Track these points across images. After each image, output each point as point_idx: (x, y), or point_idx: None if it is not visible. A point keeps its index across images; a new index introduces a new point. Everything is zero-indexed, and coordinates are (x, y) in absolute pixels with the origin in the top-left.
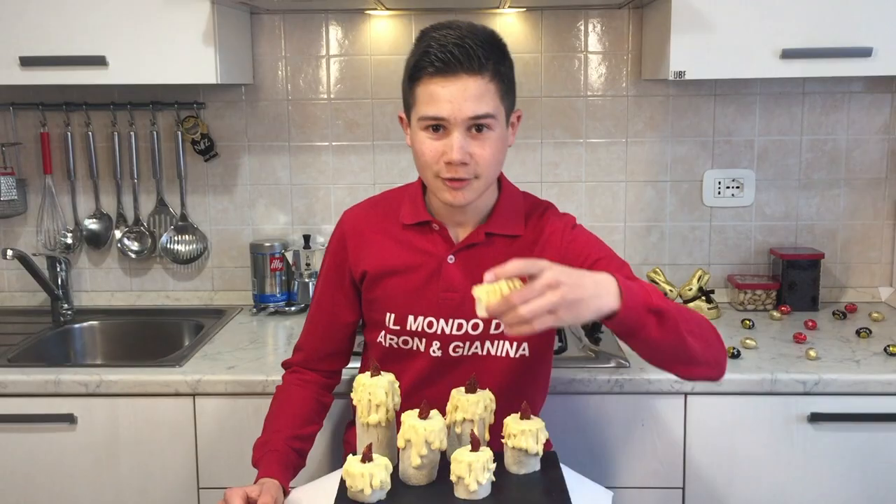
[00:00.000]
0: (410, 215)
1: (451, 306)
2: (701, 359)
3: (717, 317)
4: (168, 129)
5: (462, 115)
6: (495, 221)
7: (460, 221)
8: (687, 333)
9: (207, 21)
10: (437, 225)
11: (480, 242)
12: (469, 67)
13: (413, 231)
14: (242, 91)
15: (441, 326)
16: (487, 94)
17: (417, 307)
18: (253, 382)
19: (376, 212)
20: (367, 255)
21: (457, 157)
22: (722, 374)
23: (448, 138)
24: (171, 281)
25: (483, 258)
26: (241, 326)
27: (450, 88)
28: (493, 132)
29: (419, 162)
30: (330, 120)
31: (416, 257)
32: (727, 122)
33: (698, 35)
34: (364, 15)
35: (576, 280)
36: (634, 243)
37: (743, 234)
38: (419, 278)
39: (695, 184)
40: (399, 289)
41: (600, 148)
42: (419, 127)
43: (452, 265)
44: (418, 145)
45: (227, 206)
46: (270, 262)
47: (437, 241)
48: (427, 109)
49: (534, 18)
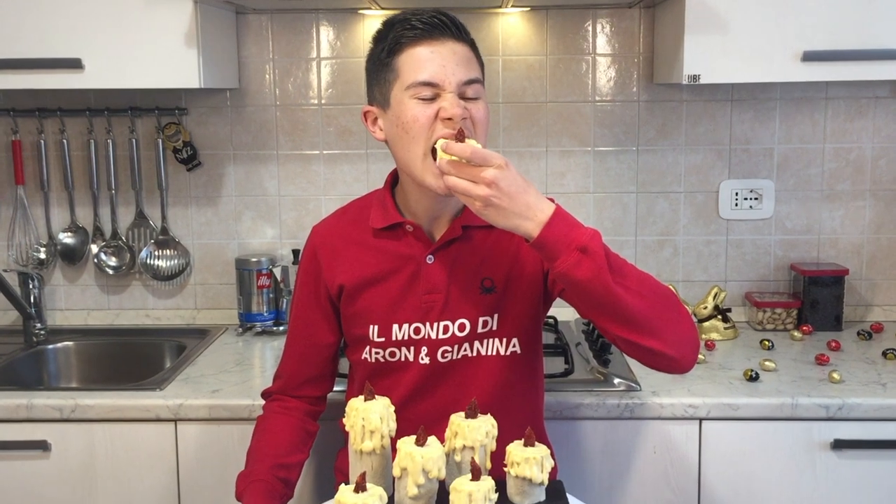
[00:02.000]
0: (381, 219)
1: (436, 309)
2: (644, 323)
3: (734, 337)
4: (148, 136)
5: (455, 79)
6: (470, 213)
7: (436, 217)
8: (622, 288)
9: (190, 21)
10: (410, 226)
11: (458, 238)
12: (455, 33)
13: (386, 236)
14: (227, 96)
15: (427, 332)
16: (473, 61)
17: (401, 314)
18: (238, 407)
19: (345, 222)
20: (342, 269)
21: (458, 110)
22: (684, 359)
23: (440, 101)
24: (151, 299)
25: (463, 254)
26: (225, 347)
27: (439, 51)
28: (481, 100)
29: (410, 134)
30: (321, 127)
31: (392, 262)
32: (745, 130)
33: (714, 36)
34: (357, 15)
35: (513, 191)
36: (646, 258)
37: (762, 248)
38: (399, 284)
39: (710, 195)
40: (380, 298)
41: (609, 157)
42: (408, 96)
43: (432, 265)
44: (410, 112)
45: (211, 218)
46: (257, 279)
47: (412, 243)
48: (417, 75)
49: (538, 18)
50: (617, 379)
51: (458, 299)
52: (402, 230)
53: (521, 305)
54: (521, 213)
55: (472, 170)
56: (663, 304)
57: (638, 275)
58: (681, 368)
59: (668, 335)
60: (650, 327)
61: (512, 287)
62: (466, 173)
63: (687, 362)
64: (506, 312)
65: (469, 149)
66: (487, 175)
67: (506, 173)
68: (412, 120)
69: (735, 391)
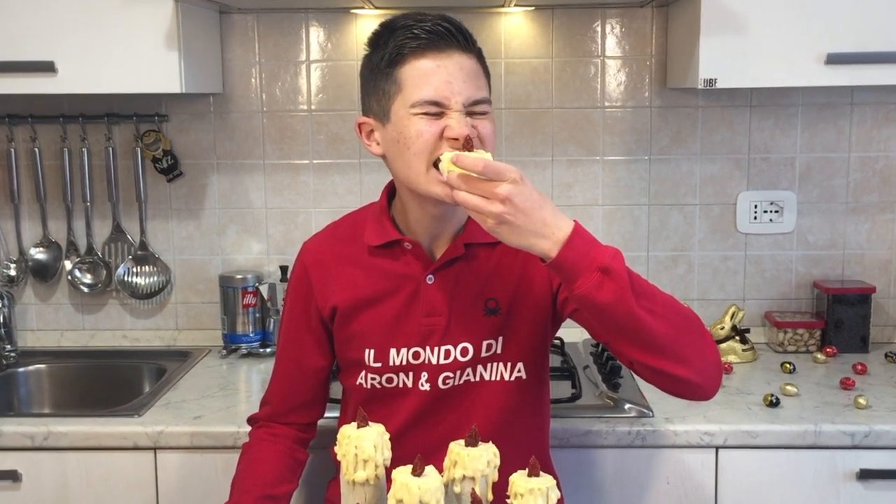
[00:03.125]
0: (377, 235)
1: (437, 332)
2: (670, 351)
3: (752, 359)
4: (126, 144)
5: (463, 97)
6: (473, 229)
7: (437, 234)
8: (646, 312)
9: (170, 22)
10: (409, 243)
11: (461, 256)
12: (462, 44)
13: (382, 254)
14: (210, 101)
15: (427, 356)
16: (481, 76)
17: (399, 338)
18: (222, 435)
19: (338, 238)
20: (335, 289)
21: (465, 130)
22: (708, 385)
23: (446, 118)
24: (128, 318)
25: (465, 274)
26: (209, 370)
27: (445, 66)
28: (488, 118)
29: (412, 149)
30: (310, 134)
31: (390, 282)
32: (764, 138)
33: (731, 37)
34: (349, 15)
35: (528, 208)
36: (659, 275)
37: (782, 264)
38: (397, 305)
39: (727, 207)
40: (376, 320)
41: (620, 166)
42: (412, 113)
43: (432, 286)
44: (413, 128)
45: (193, 232)
46: (242, 297)
47: (411, 262)
48: (422, 92)
49: (543, 19)
50: (628, 404)
51: (461, 322)
52: (399, 248)
53: (528, 327)
54: (537, 232)
55: (484, 184)
56: (688, 328)
57: (662, 297)
58: (704, 395)
59: (693, 360)
60: (674, 352)
61: (518, 308)
62: (478, 188)
63: (711, 389)
64: (511, 335)
65: (481, 162)
66: (502, 191)
67: (521, 188)
68: (416, 135)
69: (754, 417)
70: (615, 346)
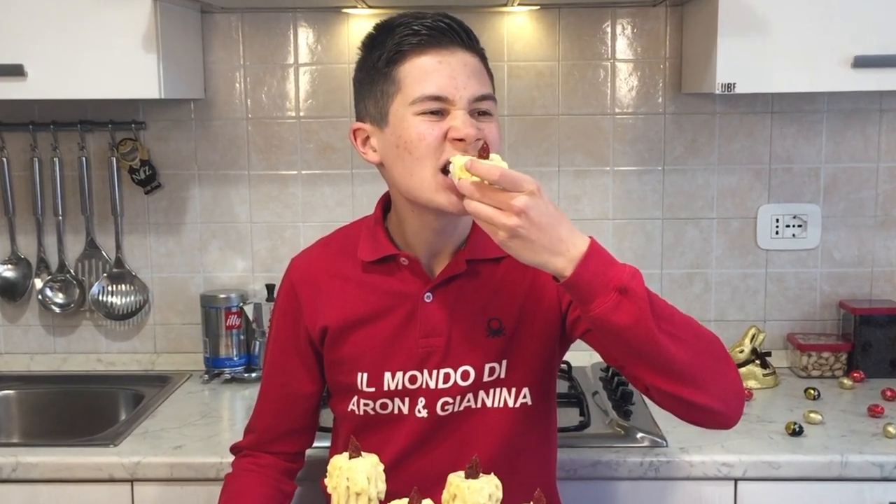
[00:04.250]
0: (371, 250)
1: (435, 354)
2: (689, 377)
3: (774, 385)
4: (100, 154)
5: (468, 93)
6: (476, 244)
7: (437, 249)
8: (667, 336)
9: (148, 22)
10: (405, 258)
11: (462, 273)
12: (465, 42)
13: (377, 270)
14: (191, 108)
15: (425, 380)
16: (485, 73)
17: (394, 361)
18: (204, 466)
19: (329, 253)
20: (326, 307)
21: (471, 130)
22: (730, 413)
23: (449, 118)
24: (103, 341)
25: (467, 291)
26: (189, 397)
27: (448, 61)
28: (493, 117)
29: (414, 154)
30: (299, 143)
31: (384, 300)
32: (787, 146)
33: (751, 39)
34: (340, 14)
35: (544, 223)
36: (673, 294)
37: (806, 283)
38: (392, 326)
39: (747, 221)
40: (369, 342)
41: (631, 177)
42: (412, 112)
43: (430, 304)
44: (414, 130)
45: (173, 248)
46: (226, 318)
47: (408, 278)
48: (423, 87)
49: (549, 19)
50: (640, 433)
51: (461, 343)
52: (395, 263)
53: (534, 350)
54: (552, 248)
55: (498, 194)
56: (709, 353)
57: (682, 318)
58: (725, 423)
59: (714, 387)
60: (693, 377)
61: (523, 329)
62: (492, 198)
63: (732, 417)
64: (516, 358)
65: (497, 170)
66: (518, 203)
67: (538, 201)
68: (417, 138)
69: (776, 447)
70: (630, 370)
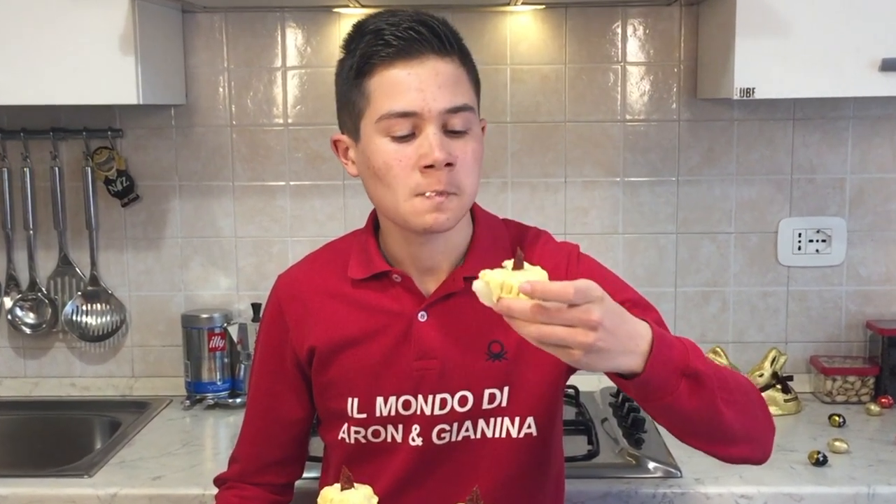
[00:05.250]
0: (362, 267)
1: (430, 378)
2: (740, 436)
3: (796, 411)
4: (74, 164)
5: (437, 107)
6: (474, 261)
7: (430, 266)
8: (725, 404)
9: (125, 22)
10: (398, 276)
11: (458, 291)
12: (438, 47)
13: (368, 287)
14: (172, 114)
15: (420, 406)
16: (462, 82)
17: (387, 385)
18: (185, 498)
19: (317, 270)
20: (314, 327)
21: (440, 154)
22: (766, 457)
23: (420, 139)
24: (77, 364)
25: (463, 311)
26: (170, 424)
27: (417, 73)
28: (472, 133)
29: (384, 181)
30: (287, 152)
31: (376, 320)
32: (810, 156)
33: (772, 40)
34: (331, 14)
35: (616, 326)
36: (688, 314)
37: (830, 302)
38: (384, 347)
39: (767, 236)
40: (360, 364)
41: (643, 189)
42: (378, 131)
43: (425, 324)
44: (380, 157)
45: (152, 265)
46: (209, 340)
47: (401, 296)
48: (390, 103)
49: (555, 19)
50: (652, 463)
51: (459, 366)
52: (388, 280)
53: (539, 376)
54: (625, 349)
55: (566, 312)
56: (754, 409)
57: (733, 380)
58: (761, 462)
59: (758, 439)
60: (743, 437)
61: (527, 353)
62: (560, 317)
63: (768, 456)
64: (519, 384)
65: (570, 287)
66: (594, 316)
67: (606, 305)
68: (384, 167)
69: (798, 478)
70: (682, 439)
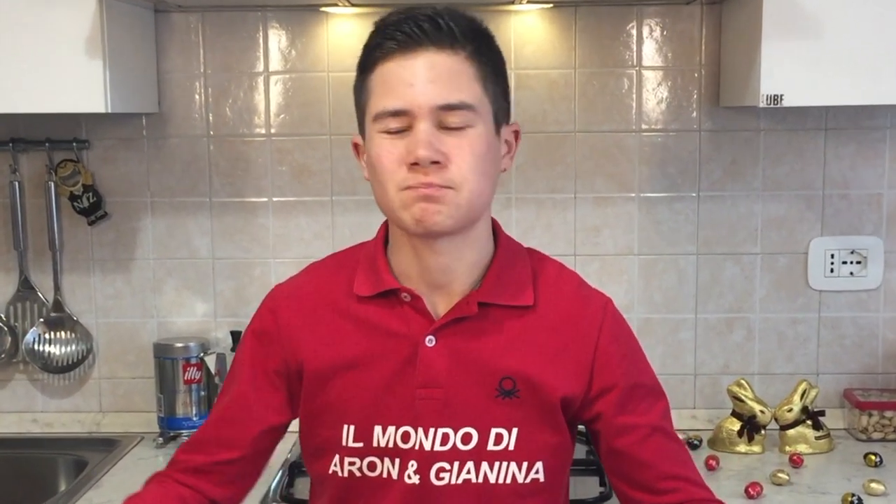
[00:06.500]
0: (368, 284)
1: (433, 408)
2: None
3: (828, 449)
4: (36, 178)
5: (427, 102)
6: (492, 285)
7: (442, 285)
8: None
9: (92, 23)
10: (407, 294)
11: (472, 316)
12: (437, 39)
13: (374, 305)
14: (143, 124)
15: (419, 439)
16: (463, 77)
17: (387, 413)
18: None
19: (321, 283)
20: (312, 345)
21: (422, 152)
22: None
23: (412, 135)
24: (39, 398)
25: (476, 340)
26: (141, 463)
27: (411, 66)
28: (473, 129)
29: (378, 178)
30: (270, 164)
31: (381, 342)
32: (843, 169)
33: (802, 43)
34: (318, 14)
35: None
36: (710, 343)
37: (866, 329)
38: (387, 371)
39: (797, 257)
40: (359, 389)
41: (660, 205)
42: (376, 128)
43: (433, 349)
44: (375, 151)
45: (122, 289)
46: (184, 371)
47: (409, 317)
48: (383, 101)
49: (564, 19)
50: None
51: (464, 399)
52: (396, 299)
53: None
54: None
55: None
56: None
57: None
58: None
59: None
60: None
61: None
62: None
63: None
64: (529, 427)
65: None
66: None
67: None
68: (377, 162)
69: None
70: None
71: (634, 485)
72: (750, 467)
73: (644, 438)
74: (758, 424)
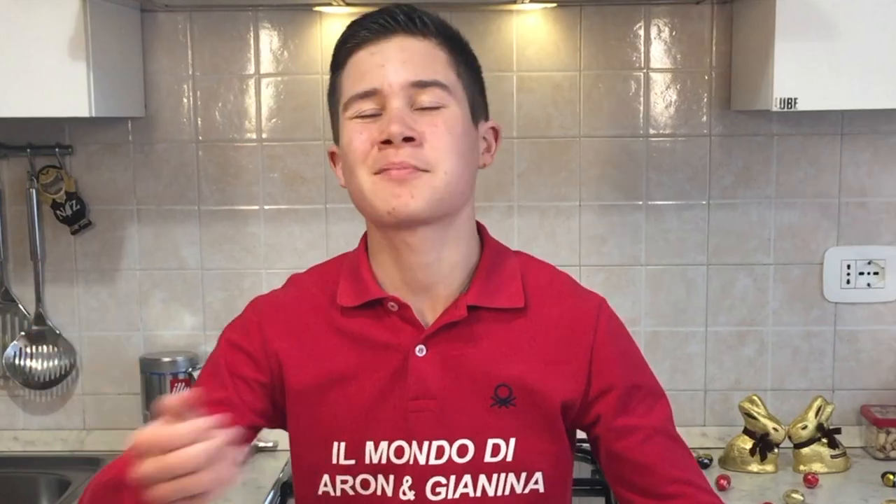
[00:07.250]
0: (352, 294)
1: (427, 421)
2: None
3: (844, 468)
4: (17, 185)
5: (399, 80)
6: (480, 287)
7: (428, 290)
8: None
9: (76, 24)
10: (394, 303)
11: (462, 321)
12: (409, 27)
13: (360, 316)
14: (129, 129)
15: (413, 454)
16: (437, 60)
17: (379, 428)
18: None
19: (302, 297)
20: (298, 361)
21: (395, 127)
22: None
23: (384, 115)
24: (21, 415)
25: (468, 345)
26: None
27: (381, 50)
28: (448, 110)
29: (350, 166)
30: (261, 171)
31: (368, 355)
32: (860, 176)
33: (817, 44)
34: (312, 14)
35: None
36: (720, 356)
37: (884, 343)
38: (377, 384)
39: (812, 268)
40: (349, 404)
41: (669, 214)
42: (347, 117)
43: (423, 359)
44: (345, 136)
45: (106, 301)
46: (171, 387)
47: (397, 327)
48: (354, 86)
49: (568, 19)
50: None
51: (459, 410)
52: (382, 308)
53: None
54: None
55: None
56: None
57: None
58: None
59: None
60: None
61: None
62: None
63: None
64: (527, 436)
65: None
66: None
67: None
68: (348, 144)
69: None
70: None
71: (637, 490)
72: (763, 487)
73: (645, 440)
74: (771, 442)
